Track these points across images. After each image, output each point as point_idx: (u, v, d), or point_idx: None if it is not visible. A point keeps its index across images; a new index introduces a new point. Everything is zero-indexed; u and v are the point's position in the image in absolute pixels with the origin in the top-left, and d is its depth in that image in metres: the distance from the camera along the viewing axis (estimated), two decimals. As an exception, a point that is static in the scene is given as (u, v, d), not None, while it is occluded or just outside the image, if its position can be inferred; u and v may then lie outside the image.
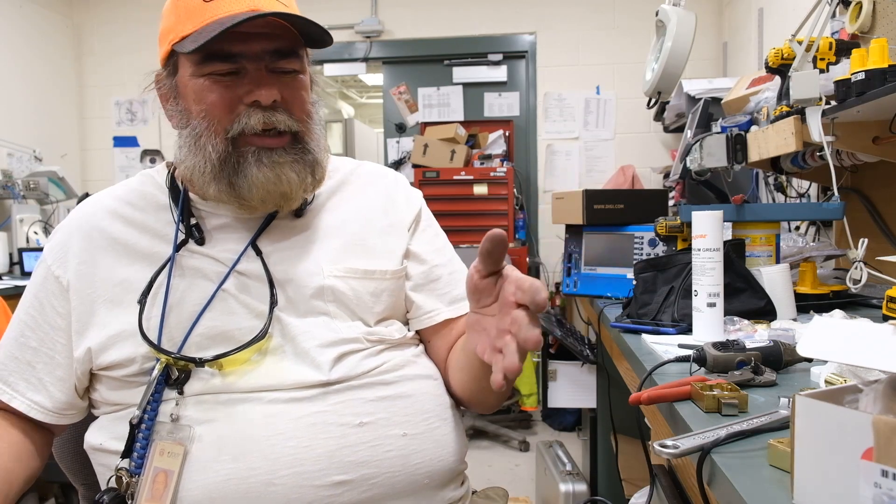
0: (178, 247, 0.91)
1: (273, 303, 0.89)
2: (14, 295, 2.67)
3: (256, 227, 0.94)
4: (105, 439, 0.89)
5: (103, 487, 0.88)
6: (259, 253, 0.92)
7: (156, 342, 0.86)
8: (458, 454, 0.94)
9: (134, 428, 0.85)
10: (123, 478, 0.84)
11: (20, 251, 3.23)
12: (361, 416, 0.86)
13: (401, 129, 4.19)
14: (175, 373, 0.86)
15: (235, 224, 0.94)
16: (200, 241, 0.92)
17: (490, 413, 3.25)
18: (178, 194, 0.95)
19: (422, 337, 1.02)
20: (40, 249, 3.20)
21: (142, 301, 0.88)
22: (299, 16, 0.86)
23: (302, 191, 0.91)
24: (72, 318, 0.91)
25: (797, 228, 2.20)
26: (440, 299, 1.01)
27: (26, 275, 3.16)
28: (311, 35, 0.89)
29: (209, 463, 0.82)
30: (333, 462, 0.83)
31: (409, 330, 1.00)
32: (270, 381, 0.86)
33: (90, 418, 0.96)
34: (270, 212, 0.94)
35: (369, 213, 1.01)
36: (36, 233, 3.45)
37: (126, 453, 0.85)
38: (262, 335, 0.87)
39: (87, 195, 3.96)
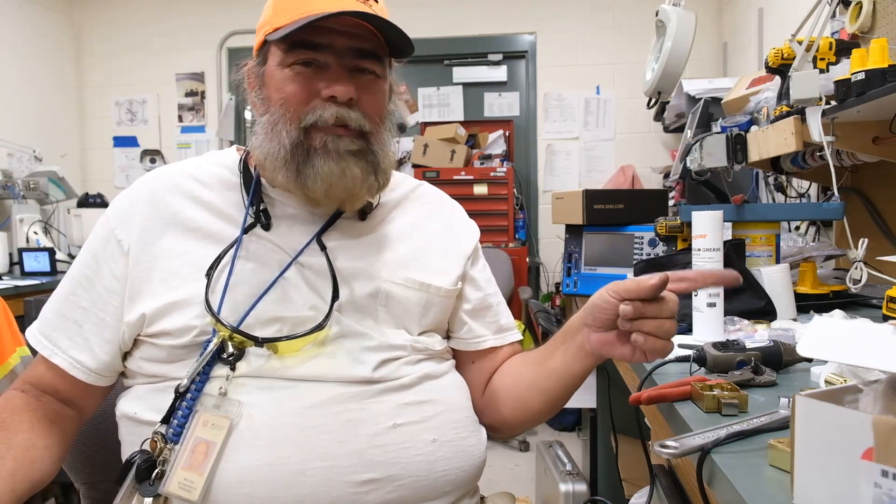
0: (245, 230, 0.93)
1: (335, 297, 0.91)
2: (14, 295, 2.67)
3: (322, 223, 0.96)
4: (140, 409, 0.90)
5: (126, 456, 0.88)
6: (323, 248, 0.94)
7: (217, 315, 0.88)
8: (479, 466, 0.97)
9: (178, 396, 0.86)
10: (158, 443, 0.85)
11: (20, 251, 3.23)
12: (395, 418, 0.88)
13: (401, 129, 4.18)
14: (230, 348, 0.87)
15: (302, 216, 0.96)
16: (267, 227, 0.95)
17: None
18: (250, 178, 0.97)
19: (462, 356, 1.06)
20: (40, 249, 3.22)
21: (209, 275, 0.90)
22: (383, 18, 0.89)
23: (365, 190, 0.93)
24: (127, 281, 0.92)
25: (797, 228, 2.20)
26: (489, 327, 1.06)
27: (26, 275, 3.16)
28: (397, 44, 0.93)
29: (244, 445, 0.83)
30: (364, 460, 0.84)
31: (447, 343, 1.03)
32: (317, 372, 0.88)
33: (105, 404, 0.97)
34: (335, 209, 0.96)
35: (430, 233, 1.04)
36: (36, 233, 3.45)
37: (164, 420, 0.86)
38: (322, 326, 0.89)
39: (87, 195, 3.96)
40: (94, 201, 3.92)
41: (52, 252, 3.22)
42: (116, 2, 4.32)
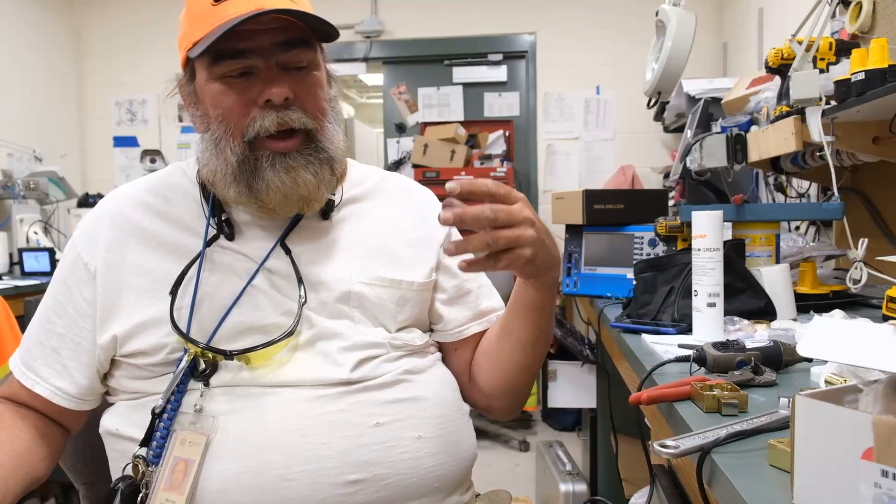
0: (208, 242, 0.93)
1: (302, 301, 0.90)
2: (14, 295, 2.66)
3: (285, 226, 0.95)
4: (122, 425, 0.90)
5: (114, 472, 0.89)
6: (288, 252, 0.93)
7: (185, 333, 0.87)
8: (469, 460, 0.96)
9: (156, 417, 0.86)
10: (140, 466, 0.85)
11: (20, 251, 3.23)
12: (378, 417, 0.88)
13: (401, 129, 4.19)
14: (202, 364, 0.87)
15: (264, 222, 0.95)
16: (230, 237, 0.94)
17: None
18: (209, 190, 0.96)
19: (445, 347, 1.05)
20: (40, 249, 3.22)
21: (173, 292, 0.89)
22: (300, 11, 0.86)
23: (322, 190, 0.91)
24: (97, 304, 0.92)
25: (797, 228, 2.20)
26: (468, 313, 1.04)
27: (26, 275, 3.16)
28: (320, 30, 0.90)
29: (227, 455, 0.83)
30: (348, 461, 0.84)
31: (429, 338, 1.02)
32: (294, 377, 0.87)
33: (102, 406, 0.97)
34: (293, 214, 0.94)
35: (399, 224, 1.02)
36: (36, 233, 3.45)
37: (144, 442, 0.86)
38: (292, 332, 0.88)
39: (87, 195, 3.96)
40: (94, 201, 3.92)
41: (52, 252, 3.22)
42: (116, 2, 4.31)
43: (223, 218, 0.94)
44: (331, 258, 0.95)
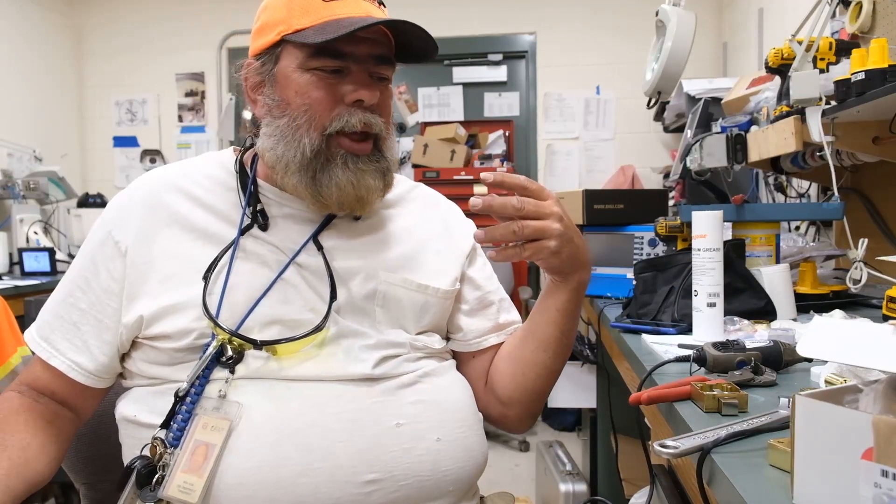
0: (242, 231, 0.93)
1: (332, 298, 0.91)
2: (14, 295, 2.67)
3: (318, 222, 0.96)
4: (140, 411, 0.90)
5: (128, 459, 0.88)
6: (320, 248, 0.94)
7: (215, 318, 0.87)
8: (481, 465, 0.97)
9: (178, 400, 0.86)
10: (157, 447, 0.85)
11: (20, 251, 3.23)
12: (399, 418, 0.88)
13: (401, 129, 4.19)
14: (229, 352, 0.87)
15: (299, 216, 0.96)
16: (264, 227, 0.94)
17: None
18: (247, 179, 0.97)
19: (461, 356, 1.06)
20: (40, 249, 3.22)
21: (206, 277, 0.89)
22: (418, 26, 0.91)
23: (375, 196, 0.94)
24: (125, 283, 0.92)
25: (797, 228, 2.20)
26: (490, 323, 1.06)
27: (26, 275, 3.16)
28: (406, 49, 0.95)
29: (245, 447, 0.83)
30: (366, 460, 0.84)
31: (446, 344, 1.03)
32: (316, 372, 0.88)
33: (105, 404, 0.97)
34: (343, 213, 0.96)
35: (426, 233, 1.04)
36: (36, 233, 3.45)
37: (164, 424, 0.86)
38: (321, 327, 0.89)
39: (87, 195, 3.97)
40: (94, 201, 3.92)
41: (52, 252, 3.23)
42: (116, 2, 4.32)
43: (258, 209, 0.95)
44: (360, 257, 0.96)
